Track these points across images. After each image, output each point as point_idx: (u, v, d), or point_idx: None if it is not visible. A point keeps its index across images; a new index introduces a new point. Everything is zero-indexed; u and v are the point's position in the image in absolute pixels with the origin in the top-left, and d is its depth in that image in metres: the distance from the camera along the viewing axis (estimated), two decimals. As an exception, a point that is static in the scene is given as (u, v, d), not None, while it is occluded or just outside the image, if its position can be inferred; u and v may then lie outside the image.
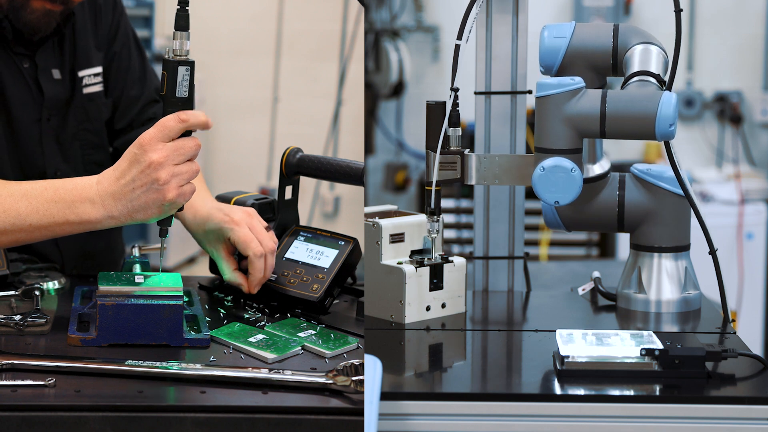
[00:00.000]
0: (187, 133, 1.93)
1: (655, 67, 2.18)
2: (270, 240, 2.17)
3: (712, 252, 2.25)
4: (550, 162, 2.10)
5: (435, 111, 2.21)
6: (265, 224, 2.22)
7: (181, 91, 1.95)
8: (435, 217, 2.21)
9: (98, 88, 2.45)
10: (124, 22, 2.52)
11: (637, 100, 2.09)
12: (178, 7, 1.94)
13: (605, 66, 2.25)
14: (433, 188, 2.20)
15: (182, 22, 1.94)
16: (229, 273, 2.19)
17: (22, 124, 2.31)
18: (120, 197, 1.90)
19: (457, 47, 2.25)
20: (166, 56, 1.95)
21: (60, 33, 2.34)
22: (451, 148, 2.21)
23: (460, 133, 2.22)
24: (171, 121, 1.91)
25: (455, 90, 2.20)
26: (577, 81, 2.10)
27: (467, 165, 2.23)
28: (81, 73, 2.40)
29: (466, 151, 2.22)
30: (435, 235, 2.22)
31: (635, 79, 2.15)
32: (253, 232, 2.17)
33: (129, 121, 2.52)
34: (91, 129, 2.43)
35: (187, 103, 1.96)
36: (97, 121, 2.45)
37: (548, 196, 2.11)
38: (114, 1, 2.49)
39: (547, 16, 5.59)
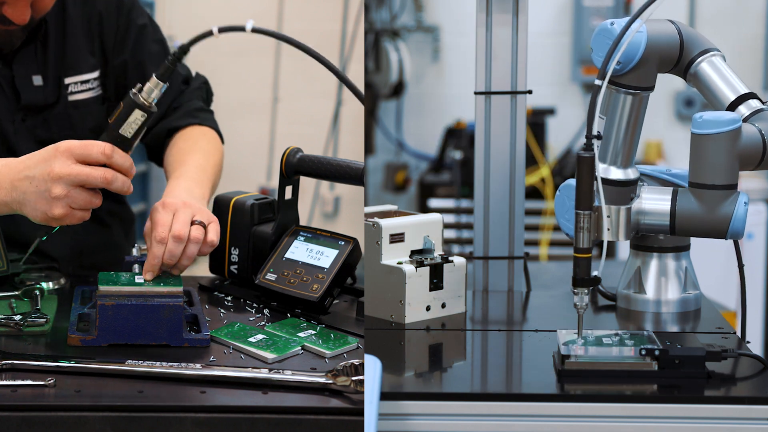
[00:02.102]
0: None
1: (738, 83, 2.15)
2: (183, 225, 2.02)
3: (740, 267, 2.25)
4: (746, 197, 2.11)
5: (585, 164, 1.93)
6: (199, 219, 2.05)
7: (127, 130, 1.96)
8: (587, 290, 1.97)
9: (87, 95, 2.41)
10: (136, 23, 2.46)
11: None
12: (169, 58, 1.95)
13: (670, 63, 2.17)
14: (604, 247, 1.96)
15: (165, 74, 1.95)
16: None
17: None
18: (16, 185, 1.93)
19: (596, 88, 1.95)
20: (133, 90, 1.95)
21: (34, 41, 2.31)
22: (595, 205, 1.97)
23: (600, 187, 1.99)
24: (94, 148, 1.91)
25: (597, 137, 1.95)
26: (738, 117, 2.07)
27: (619, 220, 2.13)
28: (67, 80, 2.37)
29: (623, 207, 2.12)
30: (583, 311, 1.96)
31: (745, 107, 2.13)
32: (173, 219, 2.05)
33: (159, 117, 2.48)
34: (72, 137, 2.39)
35: (126, 144, 1.96)
36: (81, 128, 2.40)
37: (744, 229, 2.13)
38: (118, 2, 2.44)
39: (547, 16, 5.59)
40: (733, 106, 2.14)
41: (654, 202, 2.15)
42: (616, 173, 2.15)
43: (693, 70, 2.15)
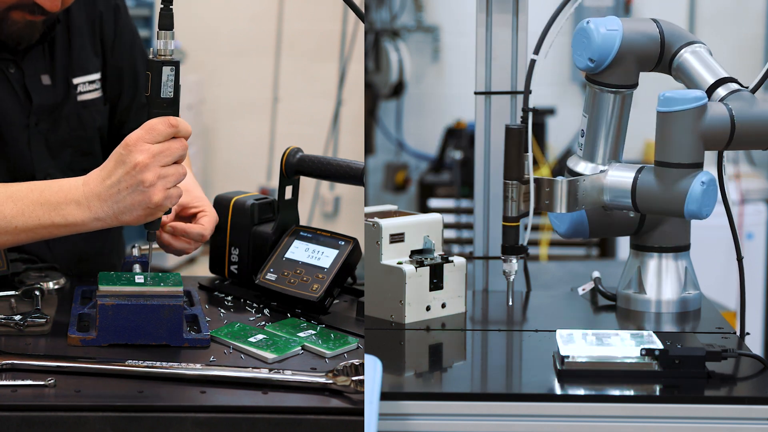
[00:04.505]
0: None
1: (720, 69, 2.15)
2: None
3: (739, 260, 2.24)
4: (707, 176, 2.08)
5: (514, 137, 2.07)
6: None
7: (167, 91, 1.94)
8: (514, 257, 2.07)
9: (95, 95, 2.41)
10: (129, 28, 2.48)
11: (759, 112, 2.08)
12: (162, 6, 1.93)
13: (651, 60, 2.19)
14: (531, 221, 2.04)
15: (166, 22, 1.93)
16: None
17: (9, 129, 2.28)
18: (106, 198, 1.90)
19: (533, 62, 2.10)
20: (151, 56, 1.94)
21: (46, 40, 2.32)
22: (525, 177, 2.08)
23: (532, 159, 2.12)
24: (160, 125, 1.90)
25: (531, 110, 2.09)
26: (703, 94, 2.07)
27: (558, 191, 2.14)
28: (76, 80, 2.37)
29: (559, 179, 2.14)
30: (512, 278, 2.05)
31: (724, 91, 2.12)
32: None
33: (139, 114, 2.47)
34: (83, 136, 2.40)
35: (173, 104, 1.95)
36: (91, 128, 2.41)
37: (705, 210, 2.09)
38: (115, 6, 2.45)
39: (547, 16, 5.58)
40: (711, 89, 2.14)
41: (618, 178, 2.16)
42: None
43: (676, 62, 2.17)
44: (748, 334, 2.16)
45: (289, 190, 2.27)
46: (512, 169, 2.06)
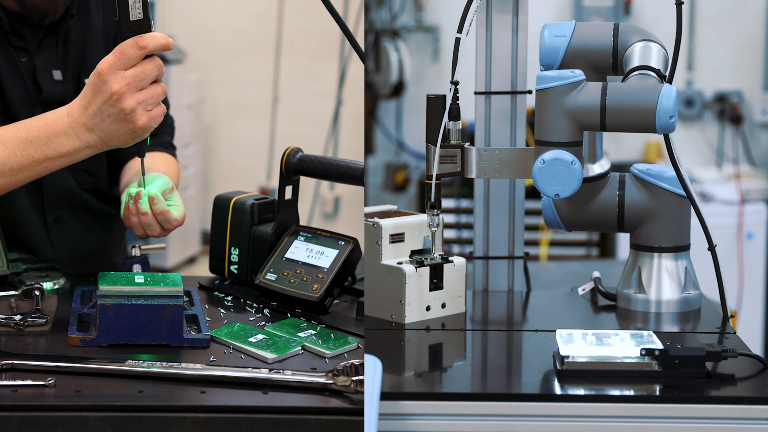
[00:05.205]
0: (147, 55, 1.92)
1: (655, 62, 2.18)
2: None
3: (711, 248, 2.25)
4: (550, 155, 2.10)
5: (435, 104, 2.21)
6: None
7: (135, 13, 1.92)
8: (435, 210, 2.22)
9: None
10: None
11: (637, 93, 2.09)
12: None
13: (605, 65, 2.25)
14: (434, 182, 2.20)
15: None
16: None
17: (18, 115, 2.31)
18: (91, 127, 1.93)
19: (457, 40, 2.25)
20: None
21: (57, 31, 2.33)
22: (451, 142, 2.22)
23: (460, 127, 2.22)
24: (130, 49, 1.90)
25: (455, 83, 2.20)
26: (578, 74, 2.10)
27: (467, 158, 2.23)
28: (87, 81, 2.39)
29: (467, 145, 2.23)
30: (435, 229, 2.23)
31: (635, 73, 2.16)
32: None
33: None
34: None
35: (144, 24, 1.93)
36: None
37: (548, 189, 2.12)
38: None
39: (547, 16, 5.59)
40: (629, 73, 2.17)
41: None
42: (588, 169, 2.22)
43: (624, 58, 2.20)
44: (732, 316, 2.17)
45: (289, 190, 2.27)
46: (429, 134, 2.21)
